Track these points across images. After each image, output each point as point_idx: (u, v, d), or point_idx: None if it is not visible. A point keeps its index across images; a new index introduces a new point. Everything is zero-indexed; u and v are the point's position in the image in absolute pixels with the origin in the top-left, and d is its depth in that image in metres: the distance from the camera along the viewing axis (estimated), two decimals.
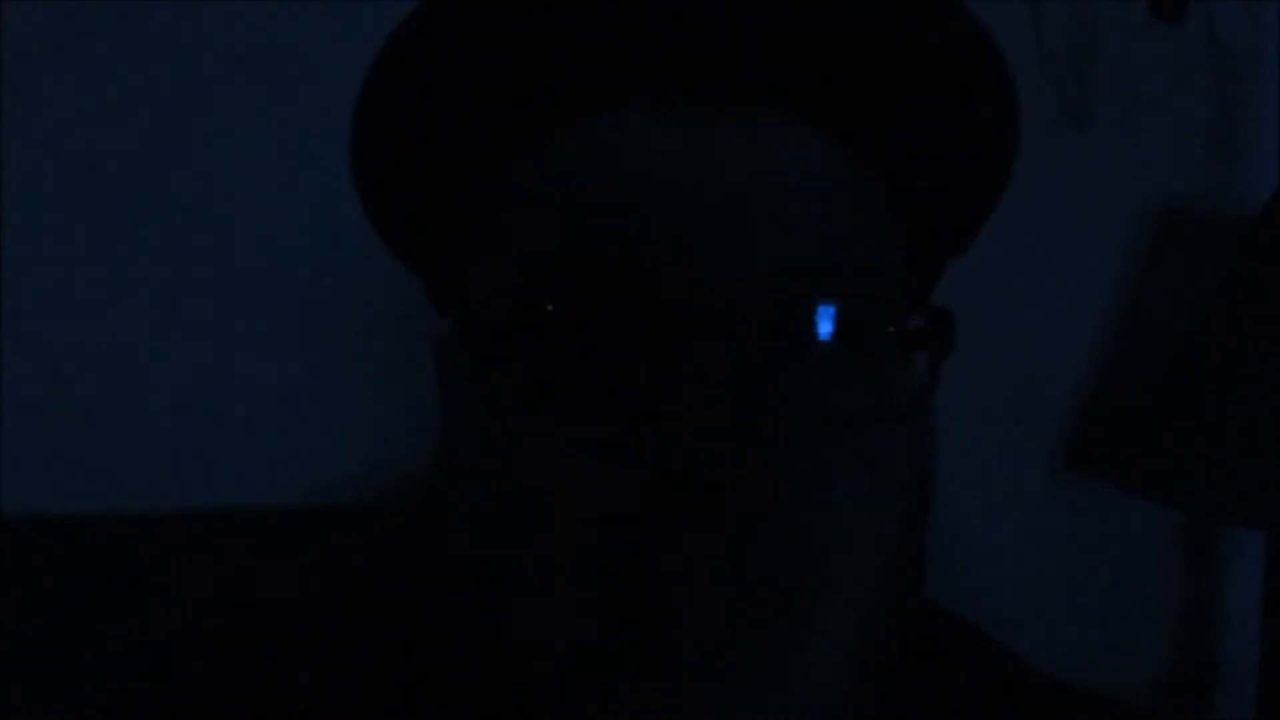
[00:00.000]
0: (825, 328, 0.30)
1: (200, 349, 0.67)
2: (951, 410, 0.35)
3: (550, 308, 0.30)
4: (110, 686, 0.55)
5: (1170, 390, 0.91)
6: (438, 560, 0.38)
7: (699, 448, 0.27)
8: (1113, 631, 1.04)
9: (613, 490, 0.28)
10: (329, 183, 0.68)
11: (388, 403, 0.72)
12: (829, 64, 0.32)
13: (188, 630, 0.59)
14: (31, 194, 0.63)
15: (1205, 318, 0.90)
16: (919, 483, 0.33)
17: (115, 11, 0.64)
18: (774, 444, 0.28)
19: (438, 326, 0.40)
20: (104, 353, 0.65)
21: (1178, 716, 1.07)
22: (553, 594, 0.30)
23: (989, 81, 0.33)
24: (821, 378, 0.30)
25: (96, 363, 0.65)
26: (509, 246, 0.33)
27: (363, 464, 0.71)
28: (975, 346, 0.89)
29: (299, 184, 0.68)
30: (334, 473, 0.71)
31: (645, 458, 0.28)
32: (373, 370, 0.72)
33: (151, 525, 0.63)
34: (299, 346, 0.70)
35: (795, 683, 0.29)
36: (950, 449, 0.36)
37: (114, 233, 0.65)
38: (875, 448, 0.31)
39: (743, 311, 0.29)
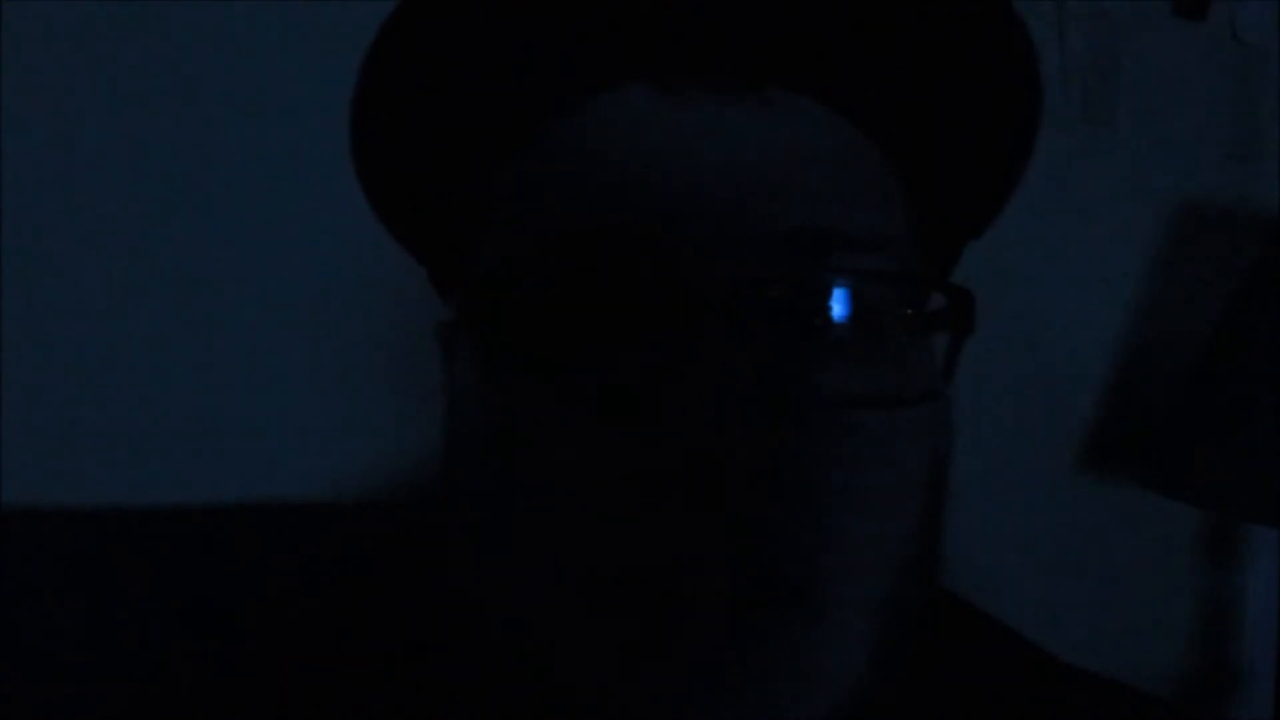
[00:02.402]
0: (840, 309, 0.29)
1: (204, 344, 0.68)
2: (974, 408, 0.34)
3: (556, 287, 0.29)
4: (114, 679, 0.56)
5: (1192, 388, 0.91)
6: (443, 552, 0.36)
7: (709, 436, 0.25)
8: (1133, 629, 1.03)
9: (620, 477, 0.27)
10: (333, 177, 0.68)
11: (394, 396, 0.72)
12: (838, 40, 0.31)
13: (192, 624, 0.60)
14: (31, 193, 0.63)
15: (1227, 316, 0.90)
16: (936, 468, 0.32)
17: (115, 11, 0.65)
18: (787, 430, 0.27)
19: (442, 314, 0.39)
20: (108, 348, 0.66)
21: (1198, 712, 1.07)
22: (557, 583, 0.29)
23: (1009, 57, 0.32)
24: (837, 361, 0.29)
25: (100, 359, 0.65)
26: (514, 226, 0.32)
27: (369, 458, 0.72)
28: (998, 345, 0.90)
29: (303, 178, 0.69)
30: (339, 467, 0.71)
31: (653, 445, 0.26)
32: (379, 364, 0.72)
33: (155, 519, 0.64)
34: (304, 341, 0.70)
35: (807, 678, 0.28)
36: (973, 447, 0.35)
37: (117, 229, 0.66)
38: (892, 433, 0.30)
39: (755, 291, 0.28)
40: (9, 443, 0.63)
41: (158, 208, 0.66)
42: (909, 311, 0.31)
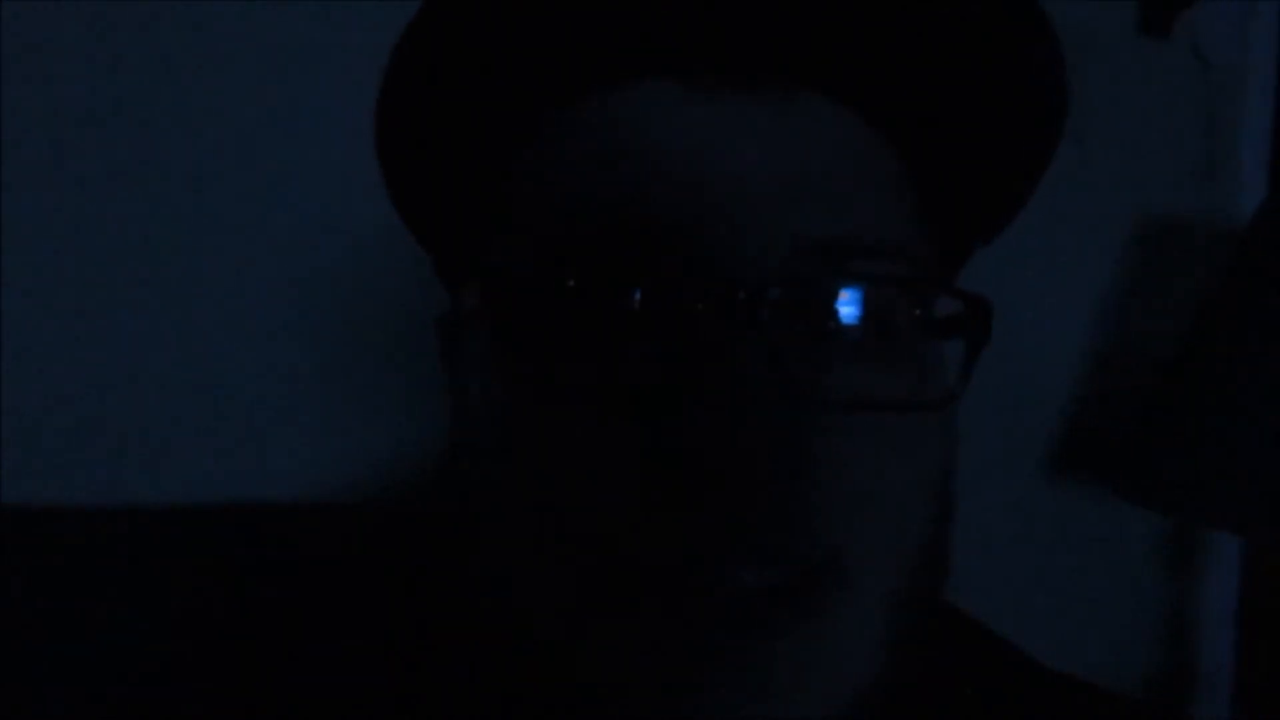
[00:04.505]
0: (855, 312, 0.29)
1: (200, 344, 0.68)
2: None
3: (572, 282, 0.29)
4: (109, 678, 0.56)
5: (1156, 399, 0.93)
6: (445, 548, 0.36)
7: (723, 436, 0.26)
8: (1096, 632, 1.05)
9: (634, 474, 0.27)
10: (329, 178, 0.69)
11: (389, 398, 0.72)
12: (867, 45, 0.31)
13: (188, 623, 0.59)
14: (31, 193, 0.63)
15: (1191, 329, 0.92)
16: (945, 472, 0.32)
17: (115, 11, 0.64)
18: (800, 431, 0.27)
19: (441, 310, 0.39)
20: (107, 349, 0.66)
21: (1173, 710, 1.08)
22: (568, 576, 0.29)
23: (1036, 63, 0.32)
24: (851, 364, 0.29)
25: (100, 359, 0.65)
26: (534, 218, 0.32)
27: (362, 459, 0.72)
28: None
29: (299, 178, 0.69)
30: (333, 467, 0.71)
31: (668, 443, 0.27)
32: (374, 365, 0.72)
33: (154, 519, 0.64)
34: (300, 341, 0.70)
35: (816, 676, 0.28)
36: None
37: (115, 229, 0.65)
38: (905, 436, 0.30)
39: (772, 294, 0.28)
40: (9, 443, 0.63)
41: (157, 208, 0.66)
42: (919, 314, 0.31)
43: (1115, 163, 1.03)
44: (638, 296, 0.29)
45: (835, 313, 0.29)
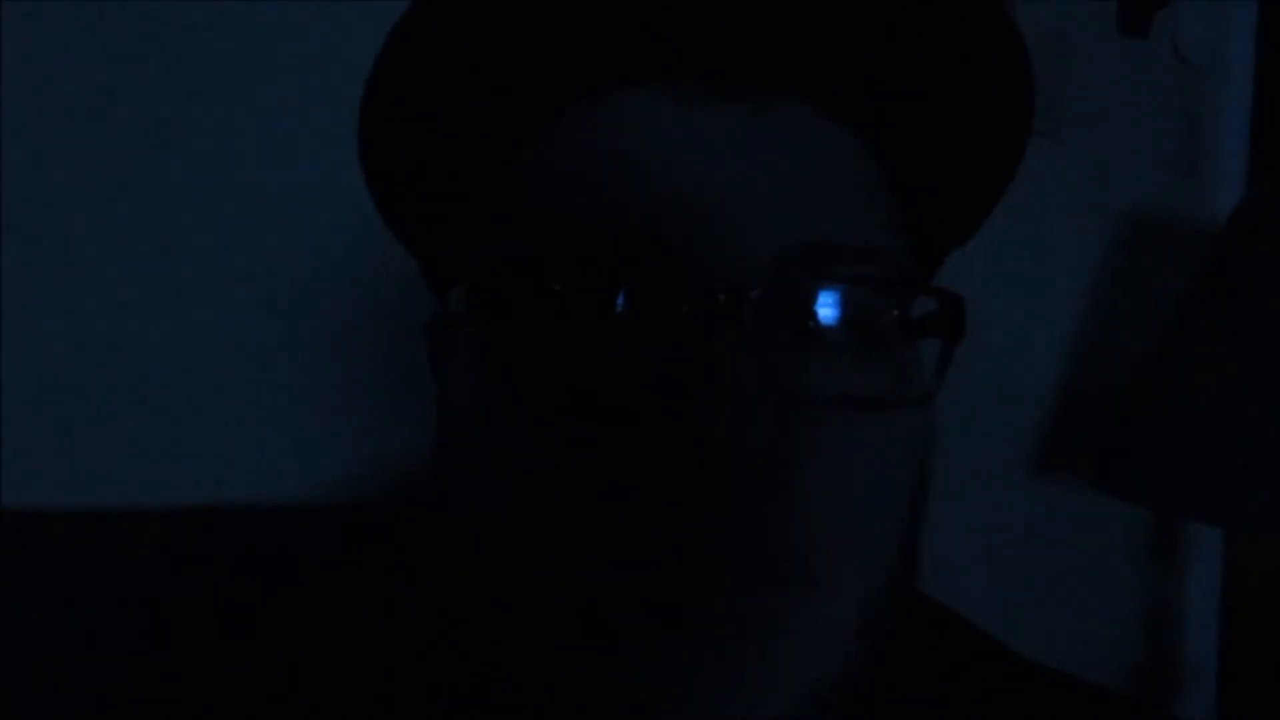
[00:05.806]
0: (832, 312, 0.30)
1: (196, 346, 0.68)
2: None
3: (557, 286, 0.30)
4: (108, 679, 0.56)
5: (1138, 394, 0.94)
6: (434, 548, 0.37)
7: (709, 434, 0.26)
8: (1081, 626, 1.06)
9: (622, 469, 0.28)
10: (326, 180, 0.69)
11: (382, 400, 0.73)
12: (842, 53, 0.32)
13: (184, 624, 0.59)
14: (31, 194, 0.63)
15: (1171, 325, 0.93)
16: (922, 469, 0.33)
17: (114, 13, 0.65)
18: (784, 429, 0.28)
19: (430, 313, 0.40)
20: (107, 351, 0.66)
21: (1154, 703, 1.09)
22: (556, 568, 0.29)
23: (1007, 76, 0.33)
24: (833, 364, 0.30)
25: (100, 361, 0.65)
26: (523, 223, 0.32)
27: (356, 461, 0.72)
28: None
29: (296, 180, 0.69)
30: (328, 470, 0.71)
31: (653, 444, 0.27)
32: (367, 368, 0.72)
33: (154, 521, 0.64)
34: (294, 344, 0.70)
35: (797, 659, 0.29)
36: None
37: (113, 231, 0.66)
38: (885, 433, 0.31)
39: (756, 297, 0.28)
40: (9, 443, 0.63)
41: (153, 211, 0.66)
42: (897, 314, 0.32)
43: (1095, 161, 1.04)
44: (622, 300, 0.29)
45: (815, 314, 0.30)
